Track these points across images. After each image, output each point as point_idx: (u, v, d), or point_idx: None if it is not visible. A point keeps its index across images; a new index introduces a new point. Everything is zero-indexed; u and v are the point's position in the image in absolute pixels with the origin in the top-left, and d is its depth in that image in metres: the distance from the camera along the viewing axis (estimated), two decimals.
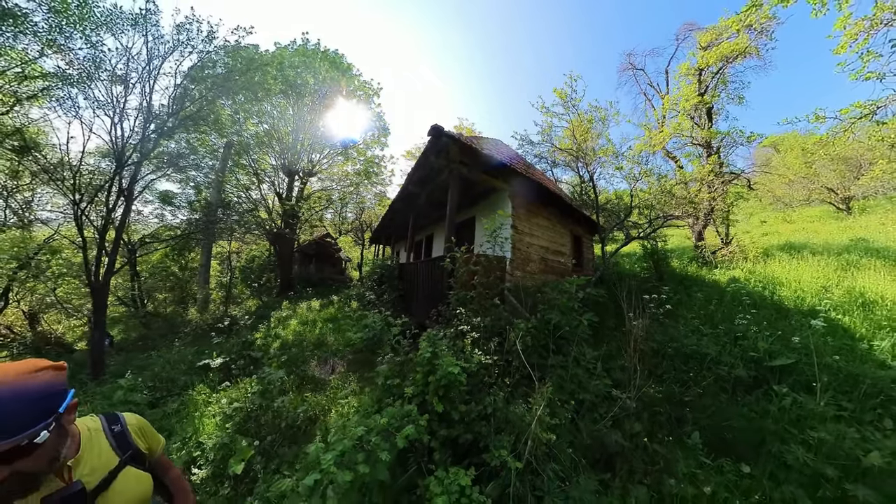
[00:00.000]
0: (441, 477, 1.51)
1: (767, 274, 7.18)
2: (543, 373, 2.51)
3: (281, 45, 14.46)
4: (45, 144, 7.98)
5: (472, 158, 4.23)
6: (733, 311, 5.02)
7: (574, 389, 2.39)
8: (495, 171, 4.71)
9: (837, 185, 15.45)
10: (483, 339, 2.72)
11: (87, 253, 6.28)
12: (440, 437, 1.88)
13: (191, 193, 11.50)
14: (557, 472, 1.72)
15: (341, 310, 9.48)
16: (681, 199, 6.16)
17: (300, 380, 4.95)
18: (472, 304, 2.93)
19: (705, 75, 8.09)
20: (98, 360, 6.51)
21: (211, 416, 4.08)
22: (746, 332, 3.74)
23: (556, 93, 5.44)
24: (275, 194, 13.87)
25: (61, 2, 6.33)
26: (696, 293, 6.20)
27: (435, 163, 4.24)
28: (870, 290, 4.83)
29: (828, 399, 2.46)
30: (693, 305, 5.64)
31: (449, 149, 3.92)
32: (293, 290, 12.82)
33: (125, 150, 6.67)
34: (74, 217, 6.48)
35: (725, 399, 2.84)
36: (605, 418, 2.27)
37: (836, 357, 3.05)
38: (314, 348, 6.36)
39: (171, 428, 3.95)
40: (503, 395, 2.15)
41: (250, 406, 3.83)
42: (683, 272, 8.36)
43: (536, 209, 5.85)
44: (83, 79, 6.47)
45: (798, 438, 2.14)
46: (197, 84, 8.39)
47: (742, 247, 8.37)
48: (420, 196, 5.69)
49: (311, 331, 7.73)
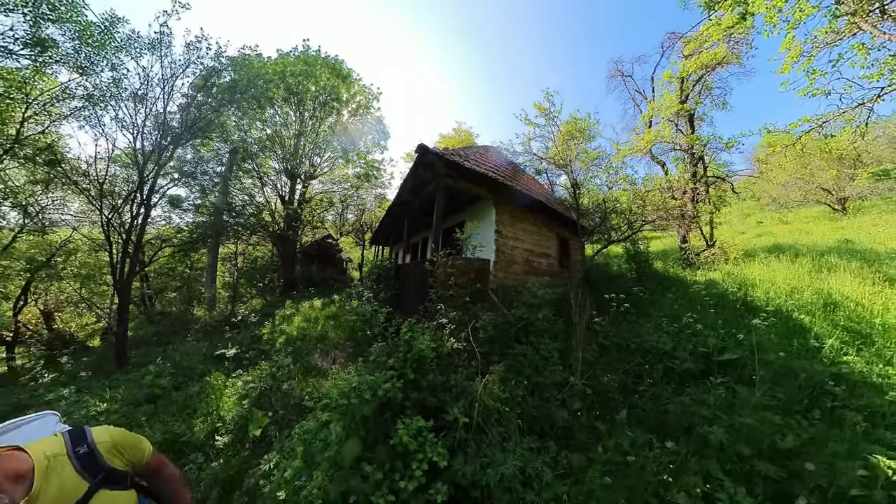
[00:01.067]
0: (407, 422, 2.07)
1: (744, 275, 7.61)
2: (505, 358, 3.05)
3: (283, 53, 15.05)
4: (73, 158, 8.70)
5: (455, 171, 4.76)
6: (695, 310, 5.55)
7: (530, 373, 2.92)
8: (479, 181, 5.24)
9: (833, 185, 15.71)
10: (458, 329, 3.26)
11: (113, 255, 6.98)
12: (412, 399, 2.44)
13: (198, 197, 12.17)
14: (501, 434, 2.26)
15: (342, 308, 10.10)
16: (655, 204, 6.64)
17: (305, 368, 5.59)
18: (450, 301, 3.47)
19: (687, 83, 8.52)
20: (122, 352, 7.21)
21: (228, 396, 4.76)
22: (696, 330, 4.11)
23: (537, 107, 5.95)
24: (277, 197, 14.52)
25: (85, 29, 7.04)
26: (669, 294, 6.68)
27: (423, 175, 4.79)
28: (836, 292, 5.12)
29: (764, 391, 2.74)
30: (663, 305, 6.18)
31: (434, 163, 4.46)
32: (296, 289, 13.45)
33: (147, 163, 7.35)
34: (101, 224, 7.18)
35: (672, 389, 3.21)
36: (555, 398, 2.80)
37: (781, 354, 3.35)
38: (317, 342, 6.97)
39: (194, 406, 4.68)
40: (466, 373, 2.70)
41: (264, 385, 4.49)
42: (666, 273, 8.81)
43: (521, 214, 6.36)
44: (106, 98, 7.18)
45: (725, 423, 2.43)
46: (205, 94, 9.04)
47: (724, 248, 8.79)
48: (414, 202, 6.24)
49: (313, 327, 8.34)
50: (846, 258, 7.51)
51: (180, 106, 8.15)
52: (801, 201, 17.04)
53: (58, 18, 6.94)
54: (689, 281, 8.08)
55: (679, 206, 6.67)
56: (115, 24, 7.49)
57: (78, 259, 10.90)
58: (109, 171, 7.82)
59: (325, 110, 14.54)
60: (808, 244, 10.10)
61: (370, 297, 6.87)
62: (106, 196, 7.28)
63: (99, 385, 6.06)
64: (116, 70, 7.07)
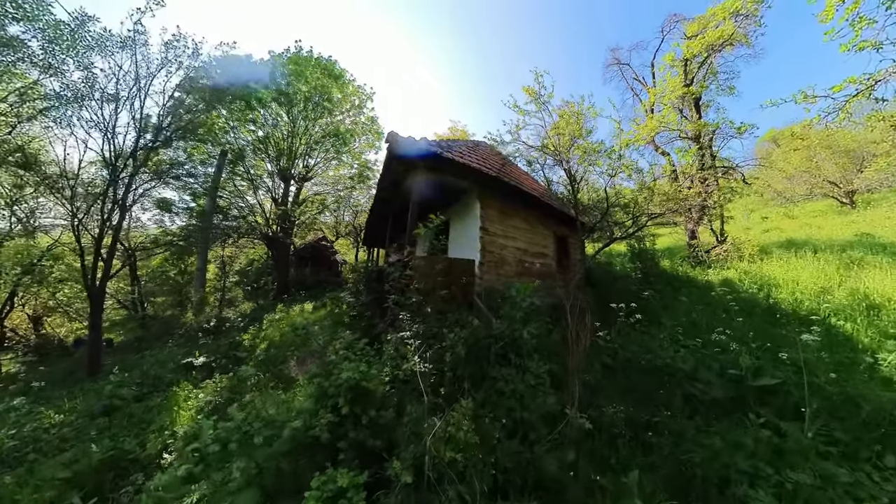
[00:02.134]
0: (326, 478, 1.42)
1: (763, 274, 6.72)
2: (481, 386, 2.36)
3: (275, 54, 14.55)
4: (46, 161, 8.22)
5: (433, 162, 4.10)
6: (719, 319, 4.58)
7: (513, 406, 2.23)
8: (460, 172, 4.57)
9: (840, 178, 14.74)
10: (425, 345, 2.58)
11: (84, 259, 6.46)
12: (350, 439, 1.79)
13: (188, 200, 11.68)
14: (461, 494, 1.58)
15: (332, 311, 9.49)
16: (663, 195, 5.86)
17: (276, 377, 4.99)
18: (414, 310, 2.81)
19: (692, 66, 7.74)
20: (94, 359, 6.70)
21: (188, 409, 4.22)
22: (722, 343, 3.37)
23: (526, 91, 5.24)
24: (271, 199, 14.00)
25: (55, 28, 6.54)
26: (682, 297, 5.88)
27: (398, 169, 4.13)
28: (875, 292, 4.39)
29: (817, 429, 2.06)
30: (677, 311, 5.23)
31: (408, 154, 3.81)
32: (288, 293, 12.89)
33: (118, 163, 6.81)
34: (71, 226, 6.69)
35: (696, 424, 2.49)
36: (545, 439, 2.11)
37: (833, 375, 2.62)
38: (296, 349, 6.35)
39: (150, 419, 4.24)
40: (426, 405, 2.02)
41: (219, 399, 3.93)
42: (674, 272, 7.97)
43: (512, 210, 5.68)
44: (77, 99, 6.67)
45: (772, 480, 1.74)
46: (190, 95, 8.51)
47: (737, 245, 7.97)
48: (394, 201, 5.59)
49: (298, 332, 7.74)
50: (873, 253, 6.68)
51: (158, 104, 7.61)
52: (807, 195, 16.06)
53: (23, 17, 6.45)
54: (702, 281, 7.25)
55: (692, 197, 5.87)
56: (85, 22, 6.98)
57: (64, 263, 10.46)
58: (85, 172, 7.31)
59: (316, 111, 14.00)
60: (824, 239, 9.24)
61: (351, 301, 6.23)
62: (78, 198, 6.76)
63: (60, 395, 5.57)
64: (88, 70, 6.57)
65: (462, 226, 5.44)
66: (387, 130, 3.56)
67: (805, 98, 3.60)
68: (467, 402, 1.91)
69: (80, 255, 6.50)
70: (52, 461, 3.63)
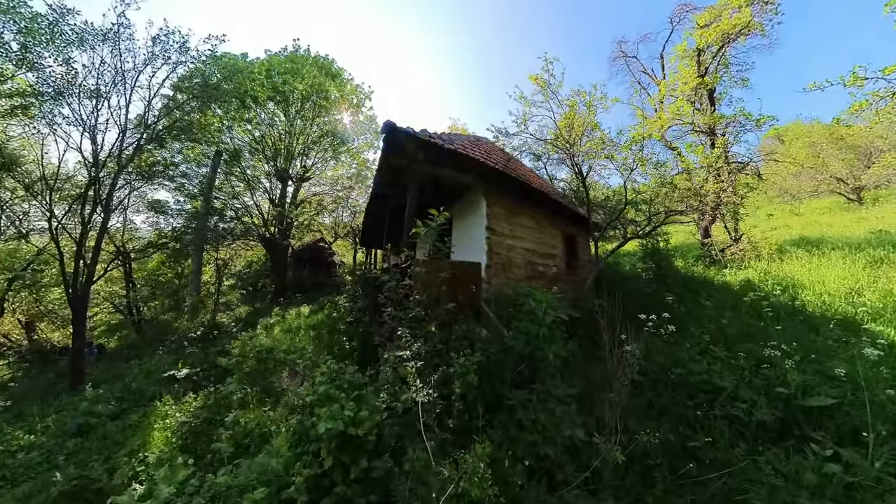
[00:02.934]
0: None
1: (785, 275, 6.28)
2: (498, 415, 1.93)
3: (271, 53, 14.16)
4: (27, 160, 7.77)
5: (433, 155, 3.67)
6: (753, 326, 4.16)
7: (535, 441, 1.80)
8: (465, 166, 4.14)
9: (847, 174, 14.32)
10: (429, 367, 2.15)
11: (64, 264, 6.00)
12: (335, 495, 1.35)
13: (182, 201, 11.24)
14: None
15: (329, 315, 9.05)
16: (684, 191, 5.42)
17: (264, 392, 4.54)
18: (413, 324, 2.38)
19: (705, 56, 7.31)
20: (78, 370, 6.23)
21: (163, 428, 3.78)
22: (767, 358, 2.88)
23: (533, 79, 4.81)
24: (268, 200, 13.58)
25: (31, 21, 6.11)
26: (706, 300, 5.41)
27: (395, 163, 3.70)
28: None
29: (886, 458, 1.73)
30: (701, 317, 4.78)
31: (406, 146, 3.38)
32: (285, 295, 12.48)
33: (99, 161, 6.37)
34: (49, 229, 6.22)
35: (743, 451, 2.12)
36: (572, 477, 1.68)
37: (890, 391, 2.24)
38: (291, 357, 5.91)
39: (125, 440, 3.82)
40: (433, 444, 1.59)
41: (196, 422, 3.49)
42: (689, 273, 7.51)
43: (519, 208, 5.25)
44: (57, 95, 6.22)
45: None
46: (182, 93, 8.09)
47: (754, 243, 7.53)
48: (391, 199, 5.16)
49: (292, 338, 7.30)
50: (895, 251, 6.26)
51: (144, 99, 7.17)
52: (813, 192, 15.62)
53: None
54: (720, 282, 6.81)
55: (715, 191, 5.43)
56: (65, 15, 6.55)
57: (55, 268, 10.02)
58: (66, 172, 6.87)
59: (313, 109, 13.59)
60: (837, 237, 8.81)
61: (347, 306, 5.79)
62: (57, 199, 6.31)
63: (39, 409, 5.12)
64: (69, 65, 6.13)
65: (465, 225, 5.01)
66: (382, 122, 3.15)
67: (855, 80, 3.17)
68: (483, 446, 1.48)
69: (59, 259, 6.05)
70: (10, 493, 3.21)
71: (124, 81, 6.83)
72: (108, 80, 6.54)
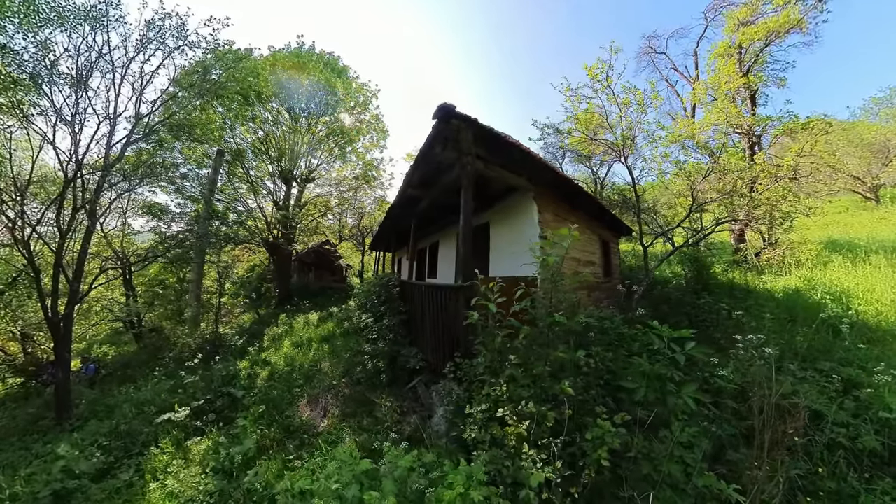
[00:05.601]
0: None
1: (832, 282, 5.80)
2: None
3: (275, 49, 13.41)
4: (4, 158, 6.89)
5: (490, 148, 3.02)
6: (826, 341, 3.69)
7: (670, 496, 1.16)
8: (518, 165, 3.49)
9: (864, 172, 13.91)
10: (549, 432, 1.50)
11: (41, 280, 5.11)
12: None
13: (182, 204, 10.42)
14: None
15: (340, 324, 8.34)
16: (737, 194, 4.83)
17: (284, 431, 3.80)
18: (514, 370, 1.73)
19: (747, 54, 6.73)
20: (63, 401, 5.37)
21: (163, 495, 2.98)
22: (851, 376, 2.64)
23: (588, 71, 4.17)
24: (272, 203, 12.82)
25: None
26: (763, 313, 4.86)
27: (442, 156, 3.03)
28: None
29: None
30: (760, 330, 4.30)
31: (460, 136, 2.71)
32: (290, 301, 11.75)
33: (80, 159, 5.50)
34: (15, 241, 5.16)
35: (857, 478, 1.91)
36: None
37: None
38: (305, 382, 5.19)
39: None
40: None
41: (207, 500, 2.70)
42: (731, 281, 6.94)
43: (565, 213, 4.61)
44: (32, 83, 5.33)
45: None
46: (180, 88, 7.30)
47: (793, 248, 7.02)
48: (422, 200, 4.49)
49: (304, 354, 6.57)
50: None
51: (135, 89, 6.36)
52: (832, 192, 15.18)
53: None
54: (763, 290, 6.29)
55: (770, 194, 4.88)
56: None
57: None
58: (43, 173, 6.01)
59: (319, 107, 12.87)
60: (867, 239, 8.34)
61: (370, 322, 5.10)
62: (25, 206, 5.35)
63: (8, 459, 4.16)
64: (45, 48, 5.27)
65: (508, 230, 4.36)
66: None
67: None
68: None
69: (33, 275, 5.06)
70: None
71: (112, 69, 6.01)
72: (93, 66, 5.68)
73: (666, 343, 1.91)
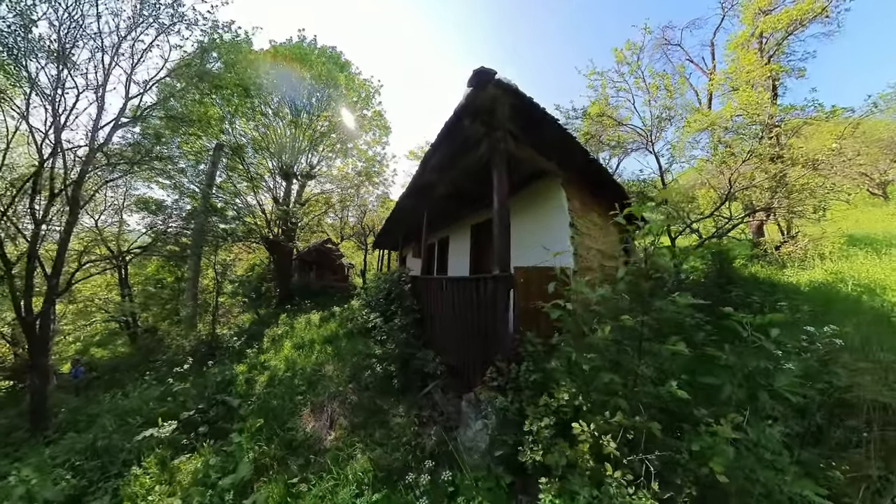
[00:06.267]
0: None
1: (861, 275, 5.56)
2: None
3: (276, 43, 13.02)
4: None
5: (526, 126, 2.65)
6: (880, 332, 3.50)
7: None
8: (549, 147, 3.14)
9: (871, 168, 13.74)
10: (640, 447, 1.13)
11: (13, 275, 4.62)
12: None
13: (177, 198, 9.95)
14: None
15: (343, 325, 7.93)
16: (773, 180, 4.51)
17: (285, 447, 3.34)
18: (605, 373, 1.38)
19: (768, 43, 6.45)
20: (39, 411, 4.87)
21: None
22: None
23: (617, 54, 3.84)
24: (272, 199, 12.37)
25: None
26: (799, 305, 4.60)
27: (470, 130, 2.66)
28: None
29: None
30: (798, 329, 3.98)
31: (496, 107, 2.35)
32: (291, 301, 11.31)
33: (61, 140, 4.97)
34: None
35: None
36: None
37: None
38: (307, 388, 4.76)
39: None
40: None
41: None
42: (749, 274, 6.72)
43: (591, 202, 4.28)
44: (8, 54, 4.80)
45: None
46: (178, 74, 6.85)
47: (816, 242, 6.77)
48: (437, 187, 4.12)
49: (306, 357, 6.14)
50: None
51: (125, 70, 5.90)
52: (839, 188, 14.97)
53: None
54: (787, 284, 6.03)
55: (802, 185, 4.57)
56: None
57: None
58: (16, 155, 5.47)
59: (321, 102, 12.47)
60: (883, 234, 8.17)
61: (378, 323, 4.70)
62: None
63: None
64: (23, 17, 4.78)
65: (532, 219, 4.01)
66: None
67: None
68: None
69: (4, 266, 4.53)
70: None
71: (102, 47, 5.52)
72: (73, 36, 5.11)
73: (749, 331, 1.58)
